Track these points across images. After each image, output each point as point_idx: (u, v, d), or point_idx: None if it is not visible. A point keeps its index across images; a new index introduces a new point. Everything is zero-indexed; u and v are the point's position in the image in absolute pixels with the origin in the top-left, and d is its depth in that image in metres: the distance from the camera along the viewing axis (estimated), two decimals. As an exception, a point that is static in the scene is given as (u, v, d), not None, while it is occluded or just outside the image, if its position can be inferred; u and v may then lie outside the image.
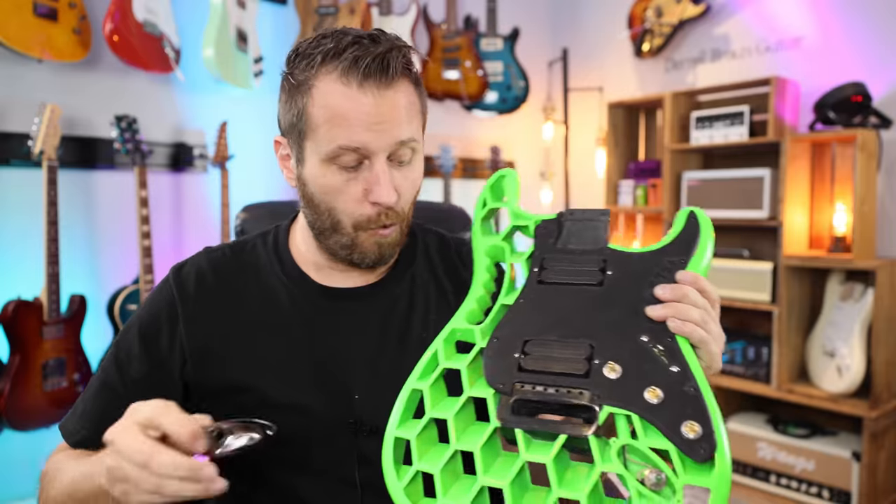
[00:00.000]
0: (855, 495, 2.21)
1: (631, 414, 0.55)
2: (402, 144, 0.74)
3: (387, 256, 0.80)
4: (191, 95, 2.41)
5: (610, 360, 0.58)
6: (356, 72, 0.71)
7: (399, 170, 0.76)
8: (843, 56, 2.50)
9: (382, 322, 0.84)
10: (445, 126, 3.22)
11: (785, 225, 2.39)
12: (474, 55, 3.07)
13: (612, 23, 3.29)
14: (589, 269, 0.65)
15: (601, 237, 0.68)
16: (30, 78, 2.03)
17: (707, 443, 0.51)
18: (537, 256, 0.69)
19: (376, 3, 2.80)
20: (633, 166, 3.07)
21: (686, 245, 0.65)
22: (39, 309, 1.91)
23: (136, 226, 2.15)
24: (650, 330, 0.60)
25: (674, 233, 0.66)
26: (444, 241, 0.94)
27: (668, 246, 0.65)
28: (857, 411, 2.20)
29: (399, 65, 0.73)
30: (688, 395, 0.54)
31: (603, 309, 0.62)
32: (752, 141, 2.50)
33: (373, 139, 0.72)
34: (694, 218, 0.66)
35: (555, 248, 0.68)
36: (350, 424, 0.79)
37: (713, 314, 0.63)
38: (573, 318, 0.62)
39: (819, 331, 2.42)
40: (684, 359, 0.57)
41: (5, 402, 1.83)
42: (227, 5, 2.30)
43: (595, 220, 0.69)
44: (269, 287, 0.84)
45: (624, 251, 0.66)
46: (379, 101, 0.72)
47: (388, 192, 0.74)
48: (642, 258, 0.65)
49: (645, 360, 0.58)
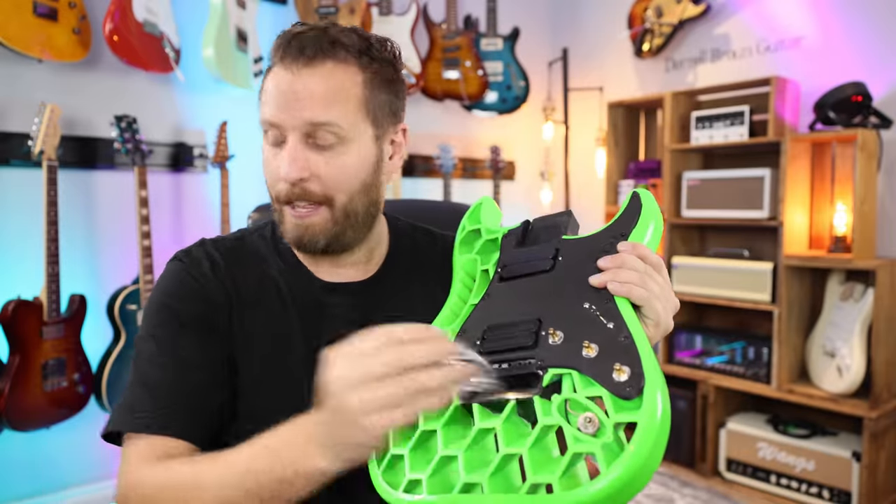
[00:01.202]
0: (855, 495, 2.21)
1: (572, 371, 0.58)
2: (316, 126, 0.75)
3: (309, 241, 0.79)
4: (191, 95, 2.41)
5: (552, 327, 0.62)
6: (281, 51, 0.76)
7: (319, 153, 0.76)
8: (843, 56, 2.50)
9: (371, 317, 0.84)
10: (445, 126, 3.22)
11: (785, 225, 2.39)
12: (474, 55, 3.07)
13: (612, 23, 3.29)
14: (542, 259, 0.70)
15: (561, 233, 0.73)
16: (30, 78, 2.03)
17: (635, 382, 0.54)
18: (501, 259, 0.76)
19: (376, 3, 2.80)
20: (633, 166, 3.07)
21: (628, 221, 0.70)
22: (39, 309, 1.91)
23: (136, 226, 2.15)
24: (593, 297, 0.64)
25: (619, 213, 0.72)
26: (432, 237, 0.96)
27: (612, 224, 0.71)
28: (857, 411, 2.20)
29: (324, 46, 0.75)
30: (621, 344, 0.58)
31: (553, 289, 0.67)
32: (752, 141, 2.50)
33: (284, 116, 0.75)
34: (637, 197, 0.71)
35: (516, 250, 0.75)
36: None
37: (655, 276, 0.66)
38: (526, 302, 0.68)
39: (819, 331, 2.42)
40: (620, 315, 0.61)
41: (5, 402, 1.83)
42: (227, 5, 2.30)
43: (556, 221, 0.75)
44: (270, 276, 0.85)
45: (575, 238, 0.72)
46: (295, 79, 0.74)
47: (287, 167, 0.75)
48: (590, 239, 0.70)
49: (585, 323, 0.62)
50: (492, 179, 3.15)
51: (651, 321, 0.66)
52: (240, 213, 2.43)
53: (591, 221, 3.44)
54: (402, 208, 1.02)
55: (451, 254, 0.92)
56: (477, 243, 0.81)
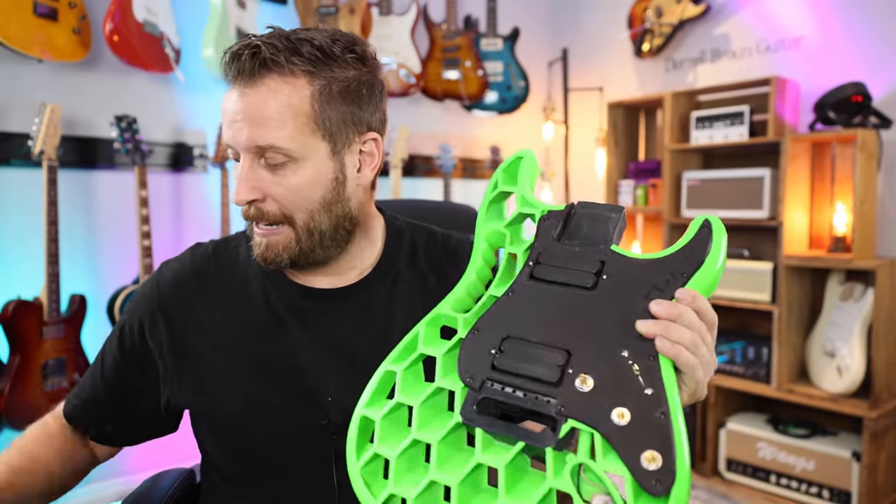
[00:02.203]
0: (855, 495, 2.21)
1: (594, 431, 0.52)
2: (261, 149, 0.72)
3: (272, 259, 0.77)
4: (191, 95, 2.41)
5: (583, 371, 0.55)
6: (224, 69, 0.73)
7: (271, 173, 0.74)
8: (843, 56, 2.50)
9: (359, 323, 0.82)
10: (445, 126, 3.22)
11: (785, 225, 2.39)
12: (474, 55, 3.07)
13: (612, 23, 3.29)
14: (584, 271, 0.60)
15: (608, 235, 0.62)
16: (30, 78, 2.03)
17: (665, 477, 0.48)
18: (536, 248, 0.64)
19: (376, 3, 2.80)
20: (633, 166, 3.07)
21: (692, 258, 0.59)
22: (39, 309, 1.91)
23: (136, 226, 2.15)
24: (633, 345, 0.56)
25: (682, 241, 0.60)
26: (432, 236, 0.92)
27: (673, 255, 0.60)
28: (857, 411, 2.20)
29: (266, 61, 0.70)
30: (656, 421, 0.51)
31: (589, 316, 0.58)
32: (752, 141, 2.50)
33: (231, 136, 0.74)
34: (707, 227, 0.59)
35: (555, 243, 0.63)
36: (323, 426, 0.78)
37: (708, 339, 0.59)
38: (557, 322, 0.59)
39: (819, 331, 2.42)
40: (662, 382, 0.53)
41: (5, 402, 1.83)
42: (227, 5, 2.30)
43: (605, 216, 0.63)
44: (247, 285, 0.84)
45: (625, 255, 0.61)
46: (239, 98, 0.72)
47: (238, 190, 0.74)
48: (643, 266, 0.60)
49: (620, 378, 0.54)
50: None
51: (687, 389, 0.59)
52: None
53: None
54: (402, 208, 0.99)
55: (451, 253, 0.89)
56: (508, 211, 0.69)
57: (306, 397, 0.79)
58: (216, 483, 0.85)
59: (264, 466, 0.80)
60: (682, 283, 0.58)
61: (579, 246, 0.62)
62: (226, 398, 0.80)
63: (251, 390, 0.79)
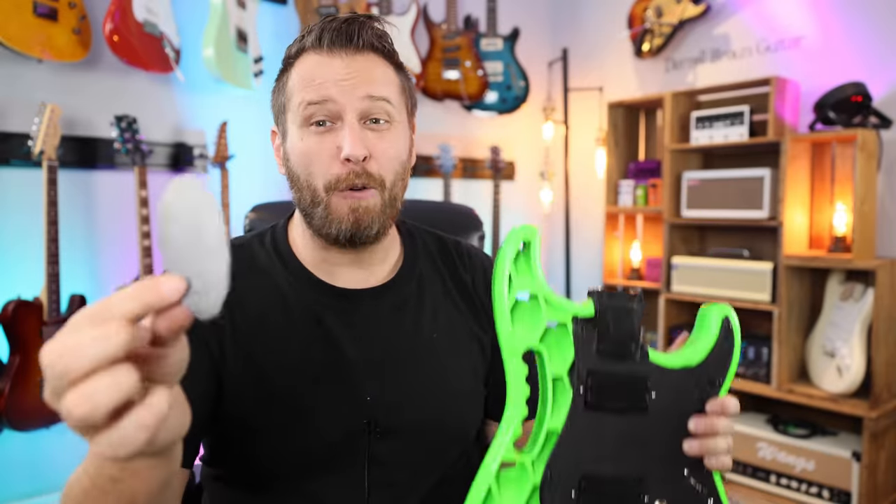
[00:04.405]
0: (855, 495, 2.21)
1: None
2: (374, 100, 0.76)
3: (364, 226, 0.76)
4: (191, 95, 2.41)
5: (658, 497, 0.60)
6: (324, 39, 0.76)
7: (373, 131, 0.77)
8: (843, 56, 2.50)
9: (393, 323, 0.83)
10: (445, 126, 3.22)
11: (785, 225, 2.39)
12: (474, 55, 3.07)
13: (612, 23, 3.29)
14: (634, 392, 0.61)
15: (635, 332, 0.61)
16: (30, 78, 2.03)
17: None
18: (580, 371, 0.61)
19: (376, 3, 2.80)
20: (633, 166, 3.07)
21: (721, 363, 0.63)
22: (39, 309, 1.91)
23: (136, 226, 2.15)
24: (689, 462, 0.62)
25: (709, 343, 0.63)
26: (441, 241, 0.93)
27: (704, 364, 0.63)
28: (857, 411, 2.20)
29: (367, 34, 0.77)
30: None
31: (649, 438, 0.62)
32: (752, 141, 2.50)
33: (339, 93, 0.75)
34: (729, 329, 0.63)
35: (596, 358, 0.61)
36: (364, 425, 0.78)
37: (733, 428, 0.65)
38: (623, 450, 0.61)
39: (819, 331, 2.42)
40: (717, 490, 0.61)
41: (5, 402, 1.83)
42: (227, 5, 2.30)
43: (628, 309, 0.61)
44: (275, 288, 0.82)
45: (663, 366, 0.62)
46: (348, 61, 0.76)
47: (355, 145, 0.74)
48: (681, 377, 0.62)
49: (689, 497, 0.61)
50: (492, 179, 3.15)
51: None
52: (240, 214, 2.43)
53: (591, 221, 3.45)
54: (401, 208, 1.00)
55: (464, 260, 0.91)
56: (534, 320, 0.60)
57: (346, 397, 0.78)
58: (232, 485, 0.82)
59: (295, 463, 0.78)
60: (717, 392, 0.63)
61: (620, 366, 0.61)
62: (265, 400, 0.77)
63: (293, 391, 0.77)
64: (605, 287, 0.64)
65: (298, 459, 0.78)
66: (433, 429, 0.82)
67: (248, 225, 1.16)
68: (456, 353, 0.85)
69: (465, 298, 0.90)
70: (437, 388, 0.83)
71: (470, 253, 0.94)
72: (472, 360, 0.87)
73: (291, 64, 0.79)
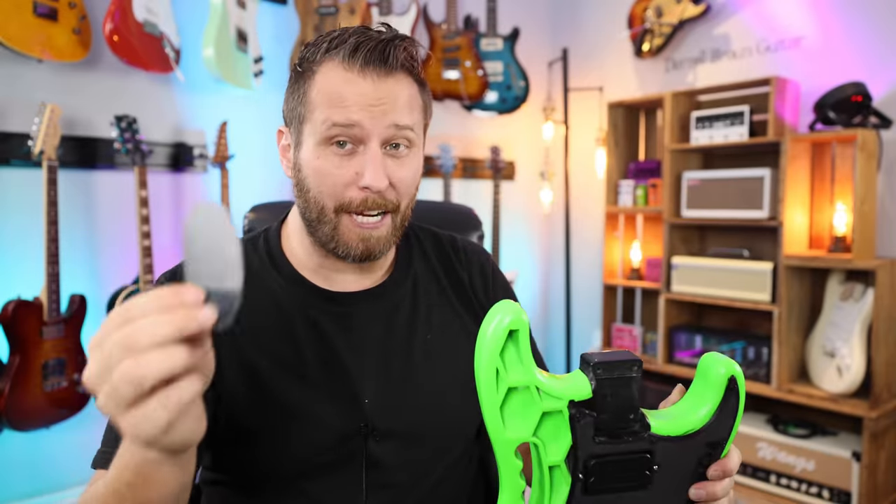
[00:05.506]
0: (855, 495, 2.21)
1: None
2: (399, 129, 0.75)
3: (375, 252, 0.78)
4: (191, 95, 2.41)
5: None
6: (357, 57, 0.73)
7: (394, 159, 0.76)
8: (843, 56, 2.50)
9: (387, 325, 0.83)
10: (445, 126, 3.22)
11: (785, 225, 2.39)
12: (474, 55, 3.07)
13: (612, 23, 3.29)
14: (636, 470, 0.58)
15: (634, 400, 0.57)
16: (30, 78, 2.03)
17: None
18: (579, 458, 0.57)
19: (376, 3, 2.80)
20: (633, 166, 3.07)
21: (724, 423, 0.59)
22: (39, 309, 1.91)
23: (136, 226, 2.15)
24: None
25: (713, 404, 0.59)
26: (437, 238, 0.93)
27: (707, 427, 0.59)
28: (857, 411, 2.20)
29: (401, 56, 0.75)
30: None
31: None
32: (752, 141, 2.50)
33: (368, 119, 0.73)
34: (734, 387, 0.59)
35: (595, 442, 0.57)
36: (361, 428, 0.78)
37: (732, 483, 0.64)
38: None
39: (819, 331, 2.42)
40: None
41: (5, 402, 1.83)
42: (227, 5, 2.30)
43: (626, 378, 0.57)
44: (269, 292, 0.82)
45: (666, 435, 0.58)
46: (378, 84, 0.74)
47: (377, 176, 0.73)
48: (684, 444, 0.59)
49: None
50: (492, 179, 3.15)
51: None
52: (240, 214, 2.43)
53: (591, 221, 3.44)
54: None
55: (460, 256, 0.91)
56: (527, 413, 0.56)
57: (343, 400, 0.79)
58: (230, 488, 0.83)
59: (293, 466, 0.78)
60: (719, 454, 0.59)
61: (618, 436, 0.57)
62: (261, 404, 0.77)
63: (289, 395, 0.77)
64: (600, 356, 0.57)
65: (295, 463, 0.78)
66: (430, 430, 0.82)
67: (247, 225, 1.16)
68: (452, 353, 0.85)
69: (460, 297, 0.90)
70: (433, 390, 0.83)
71: (466, 249, 0.94)
72: (469, 360, 0.87)
73: (313, 70, 0.76)
